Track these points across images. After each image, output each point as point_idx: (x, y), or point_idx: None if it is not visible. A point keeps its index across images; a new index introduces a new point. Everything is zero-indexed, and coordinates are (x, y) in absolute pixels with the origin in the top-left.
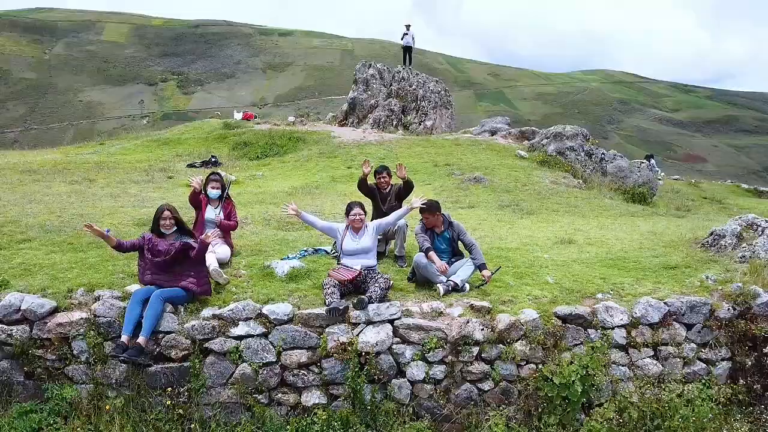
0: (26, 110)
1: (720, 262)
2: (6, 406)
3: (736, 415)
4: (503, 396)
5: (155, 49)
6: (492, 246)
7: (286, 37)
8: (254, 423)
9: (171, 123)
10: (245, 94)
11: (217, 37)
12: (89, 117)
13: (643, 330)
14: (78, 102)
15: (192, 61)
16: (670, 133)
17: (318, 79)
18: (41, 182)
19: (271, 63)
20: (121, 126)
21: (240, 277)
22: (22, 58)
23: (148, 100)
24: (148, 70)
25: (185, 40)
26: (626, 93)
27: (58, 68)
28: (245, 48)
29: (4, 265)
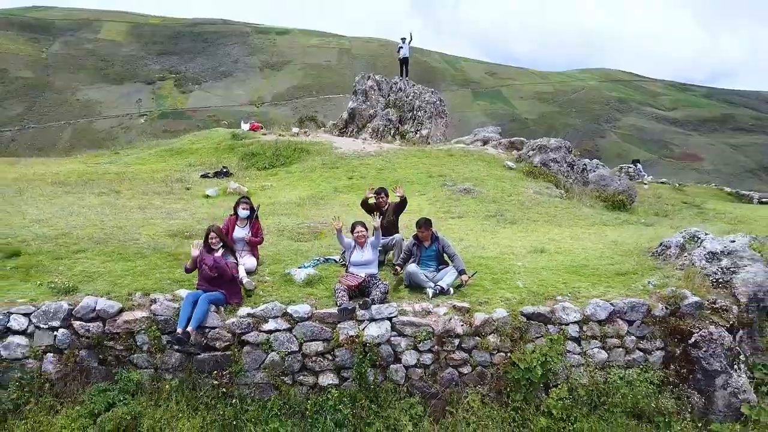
0: (23, 109)
1: (663, 269)
2: (84, 386)
3: (666, 394)
4: (479, 378)
5: (153, 47)
6: (474, 255)
7: (284, 35)
8: (281, 399)
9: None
10: (243, 93)
11: (214, 35)
12: (87, 116)
13: (592, 325)
14: (75, 101)
15: (189, 60)
16: (667, 131)
17: (316, 78)
18: (73, 194)
19: (269, 62)
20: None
21: (266, 283)
22: (19, 57)
23: (145, 99)
24: (146, 69)
25: (183, 38)
26: (623, 92)
27: (55, 67)
28: (243, 47)
29: (67, 272)
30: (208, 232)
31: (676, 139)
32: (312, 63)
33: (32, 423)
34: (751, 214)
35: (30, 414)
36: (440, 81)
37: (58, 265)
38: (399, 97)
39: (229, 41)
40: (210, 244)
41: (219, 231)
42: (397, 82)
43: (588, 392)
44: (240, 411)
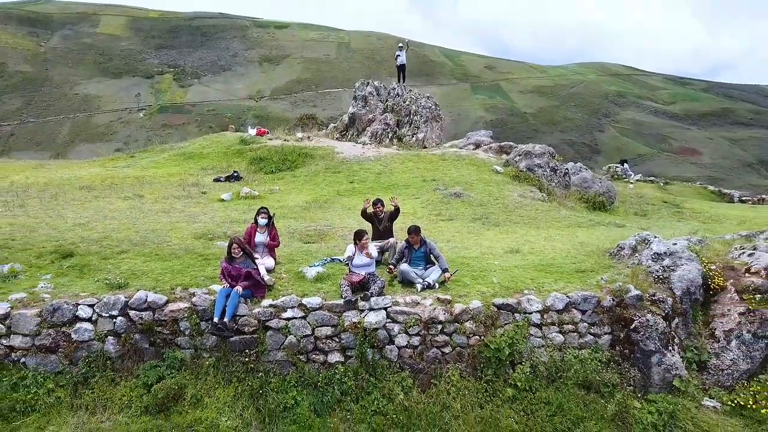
0: (22, 103)
1: (616, 268)
2: (138, 363)
3: (611, 370)
4: (458, 356)
5: (151, 41)
6: (458, 255)
7: (283, 29)
8: (298, 373)
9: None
10: (242, 87)
11: (213, 29)
12: (86, 110)
13: (552, 314)
14: (74, 95)
15: (188, 54)
16: (666, 125)
17: (314, 72)
18: (101, 198)
19: (268, 56)
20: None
21: (282, 279)
22: (17, 51)
23: (144, 93)
24: (145, 63)
25: (181, 32)
26: (622, 86)
27: (54, 61)
28: (241, 41)
29: (115, 270)
30: (230, 243)
31: (675, 133)
32: (311, 57)
33: (98, 392)
34: (725, 213)
35: (96, 385)
36: (439, 75)
37: (106, 264)
38: (396, 102)
39: (228, 35)
40: (232, 254)
41: (240, 242)
42: (395, 88)
43: (547, 368)
44: (264, 383)
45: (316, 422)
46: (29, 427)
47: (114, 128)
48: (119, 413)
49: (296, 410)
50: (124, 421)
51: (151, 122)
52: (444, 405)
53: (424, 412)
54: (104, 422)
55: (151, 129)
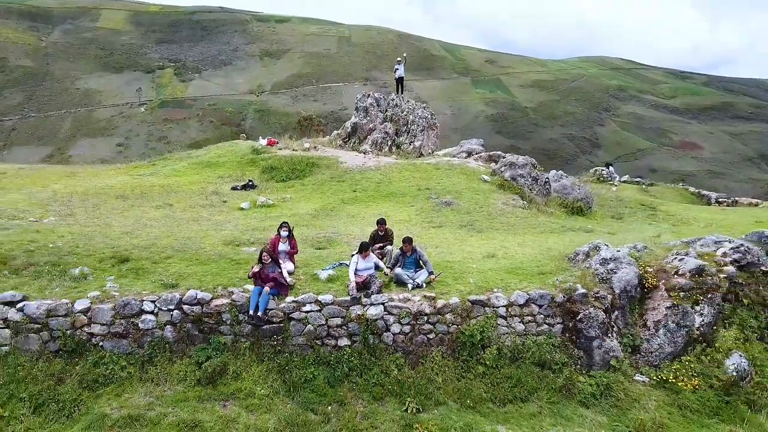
0: (24, 98)
1: (570, 270)
2: (190, 347)
3: (561, 352)
4: (440, 341)
5: (152, 36)
6: (443, 259)
7: (283, 24)
8: (314, 354)
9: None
10: (242, 82)
11: (213, 23)
12: (87, 105)
13: (515, 308)
14: (75, 90)
15: (189, 49)
16: (666, 119)
17: (315, 66)
18: (137, 207)
19: (268, 50)
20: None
21: (301, 280)
22: (18, 46)
23: (145, 87)
24: (145, 58)
25: (182, 26)
26: (623, 80)
27: (54, 56)
28: (242, 35)
29: (165, 272)
30: (261, 252)
31: (675, 127)
32: (311, 51)
33: (160, 368)
34: (695, 216)
35: (158, 363)
36: (440, 69)
37: (156, 267)
38: (395, 112)
39: (229, 29)
40: (263, 261)
41: (269, 252)
42: (394, 99)
43: (510, 350)
44: (289, 361)
45: (330, 392)
46: (109, 395)
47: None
48: (177, 384)
49: (314, 382)
50: (181, 390)
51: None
52: (429, 379)
53: (413, 384)
54: (166, 391)
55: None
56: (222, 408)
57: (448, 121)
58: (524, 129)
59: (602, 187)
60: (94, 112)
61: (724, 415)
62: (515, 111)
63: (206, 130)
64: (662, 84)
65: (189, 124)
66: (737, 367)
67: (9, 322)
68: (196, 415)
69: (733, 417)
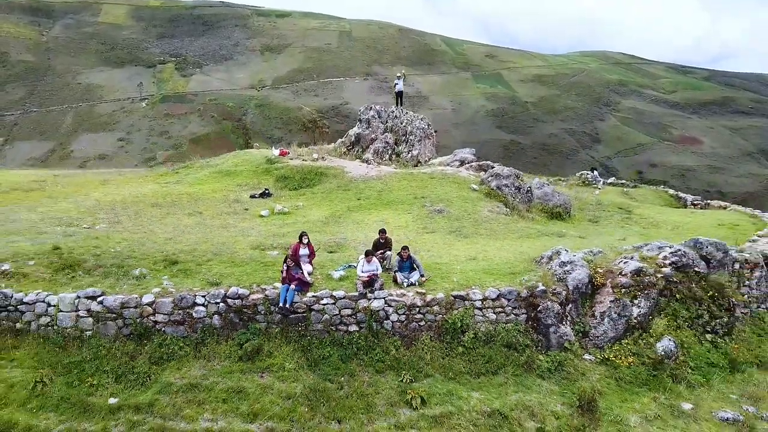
0: (25, 93)
1: (535, 271)
2: (233, 332)
3: (525, 336)
4: (428, 327)
5: (153, 30)
6: (434, 261)
7: (284, 18)
8: (330, 337)
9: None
10: (243, 77)
11: (214, 18)
12: (88, 100)
13: (488, 301)
14: (77, 85)
15: (190, 43)
16: (667, 114)
17: (316, 61)
18: (171, 215)
19: (269, 45)
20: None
21: (318, 279)
22: (19, 41)
23: (146, 82)
24: (146, 52)
25: (182, 21)
26: (624, 74)
27: (56, 50)
28: (243, 30)
29: (208, 273)
30: (286, 258)
31: (676, 122)
32: (312, 46)
33: (210, 349)
34: (665, 219)
35: (208, 344)
36: (440, 63)
37: (200, 268)
38: (395, 123)
39: (230, 24)
40: (288, 265)
41: (294, 258)
42: (394, 111)
43: (484, 335)
44: (311, 343)
45: (342, 366)
46: (171, 369)
47: (117, 118)
48: (224, 360)
49: (330, 359)
50: (227, 365)
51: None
52: (420, 357)
53: (407, 360)
54: (216, 366)
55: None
56: (260, 378)
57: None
58: (525, 124)
59: (586, 191)
60: (96, 107)
61: (651, 385)
62: (516, 106)
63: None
64: (663, 79)
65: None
66: (665, 348)
67: (92, 312)
68: (240, 383)
69: (658, 387)
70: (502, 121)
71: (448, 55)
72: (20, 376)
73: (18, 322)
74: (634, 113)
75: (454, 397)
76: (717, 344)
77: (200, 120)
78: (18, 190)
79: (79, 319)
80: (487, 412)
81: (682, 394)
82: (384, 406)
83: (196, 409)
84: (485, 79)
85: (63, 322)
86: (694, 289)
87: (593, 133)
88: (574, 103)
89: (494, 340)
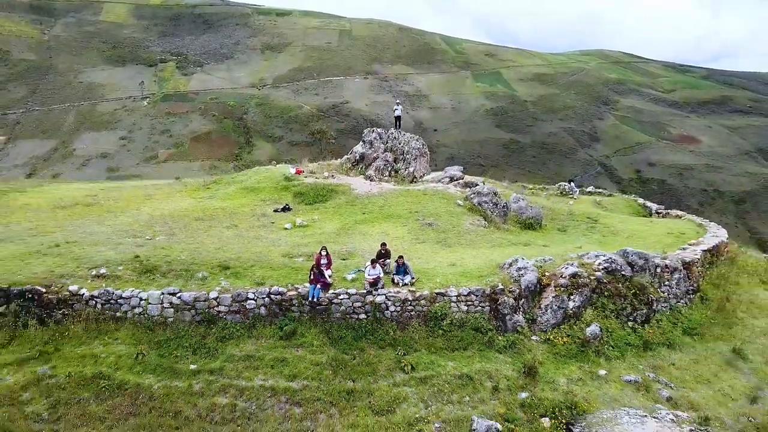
0: (27, 91)
1: (498, 274)
2: (275, 319)
3: (488, 322)
4: (417, 316)
5: (154, 29)
6: (422, 266)
7: (284, 17)
8: (346, 322)
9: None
10: (244, 75)
11: (215, 17)
12: (90, 98)
13: (462, 296)
14: (78, 83)
15: (191, 42)
16: (665, 113)
17: (316, 60)
18: (213, 228)
19: (270, 43)
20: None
21: (335, 280)
22: (21, 39)
23: (147, 81)
24: (148, 51)
25: (184, 20)
26: (623, 73)
27: (57, 49)
28: (243, 28)
29: (253, 276)
30: (312, 266)
31: (674, 121)
32: (313, 45)
33: (259, 331)
34: (624, 228)
35: (258, 328)
36: (440, 62)
37: (247, 272)
38: (394, 144)
39: (230, 23)
40: (314, 271)
41: (316, 265)
42: (393, 132)
43: (458, 321)
44: (332, 327)
45: (354, 344)
46: (232, 345)
47: (118, 116)
48: (269, 339)
49: (346, 338)
50: (272, 342)
51: (155, 110)
52: (411, 337)
53: (401, 340)
54: (263, 343)
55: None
56: (296, 351)
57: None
58: (524, 123)
59: (562, 201)
60: (98, 105)
61: (579, 358)
62: (515, 104)
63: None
64: (662, 77)
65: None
66: (592, 332)
67: (172, 304)
68: (282, 354)
69: (583, 359)
70: (502, 120)
71: (447, 54)
72: (124, 350)
73: (118, 312)
74: (633, 112)
75: (435, 365)
76: (636, 330)
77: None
78: (79, 205)
79: (163, 309)
80: (458, 375)
81: (601, 364)
82: (385, 371)
83: (252, 372)
84: (485, 77)
85: (152, 311)
86: (620, 288)
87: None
88: (573, 102)
89: (465, 325)
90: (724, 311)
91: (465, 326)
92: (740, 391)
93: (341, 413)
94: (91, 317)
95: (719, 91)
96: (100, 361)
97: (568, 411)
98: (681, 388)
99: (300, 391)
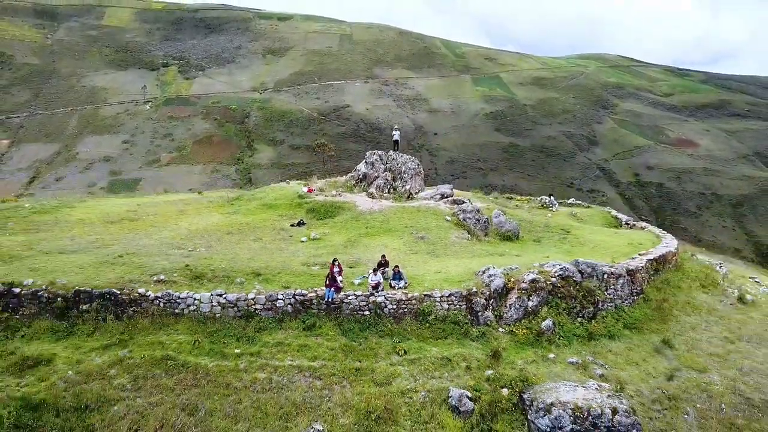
0: (31, 95)
1: (474, 280)
2: (299, 314)
3: (465, 317)
4: (409, 312)
5: (156, 33)
6: (414, 273)
7: (286, 21)
8: (355, 317)
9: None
10: (245, 79)
11: (217, 21)
12: (93, 102)
13: (444, 297)
14: (81, 87)
15: (192, 46)
16: (663, 117)
17: (317, 64)
18: (242, 241)
19: (271, 48)
20: (125, 111)
21: (345, 285)
22: (24, 43)
23: (149, 85)
24: (150, 55)
25: (185, 24)
26: (622, 77)
27: (60, 53)
28: (245, 33)
29: (281, 281)
30: (327, 276)
31: (672, 124)
32: (313, 49)
33: (286, 324)
34: (592, 239)
35: (285, 321)
36: (440, 66)
37: (274, 278)
38: (393, 164)
39: (232, 27)
40: (329, 278)
41: (330, 273)
42: (392, 154)
43: (441, 317)
44: (343, 321)
45: (360, 334)
46: (266, 334)
47: (121, 120)
48: (294, 330)
49: (354, 330)
50: (297, 332)
51: (157, 114)
52: (404, 329)
53: (396, 331)
54: (290, 333)
55: (157, 121)
56: (315, 339)
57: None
58: (523, 126)
59: (541, 213)
60: (100, 109)
61: (535, 345)
62: (514, 108)
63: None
64: (660, 81)
65: (193, 122)
66: (546, 325)
67: (219, 303)
68: (305, 342)
69: (538, 346)
70: (501, 124)
71: (447, 58)
72: (184, 338)
73: (176, 309)
74: (632, 116)
75: (422, 350)
76: (583, 324)
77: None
78: (125, 220)
79: (212, 307)
80: (440, 357)
81: (552, 350)
82: (384, 354)
83: (283, 355)
84: (484, 81)
85: (203, 309)
86: (571, 291)
87: (591, 135)
88: (572, 105)
89: (446, 319)
90: (661, 310)
91: (446, 320)
92: (661, 371)
93: (351, 385)
94: (156, 313)
95: (717, 94)
96: (166, 347)
97: (521, 383)
98: (613, 368)
99: (319, 369)
